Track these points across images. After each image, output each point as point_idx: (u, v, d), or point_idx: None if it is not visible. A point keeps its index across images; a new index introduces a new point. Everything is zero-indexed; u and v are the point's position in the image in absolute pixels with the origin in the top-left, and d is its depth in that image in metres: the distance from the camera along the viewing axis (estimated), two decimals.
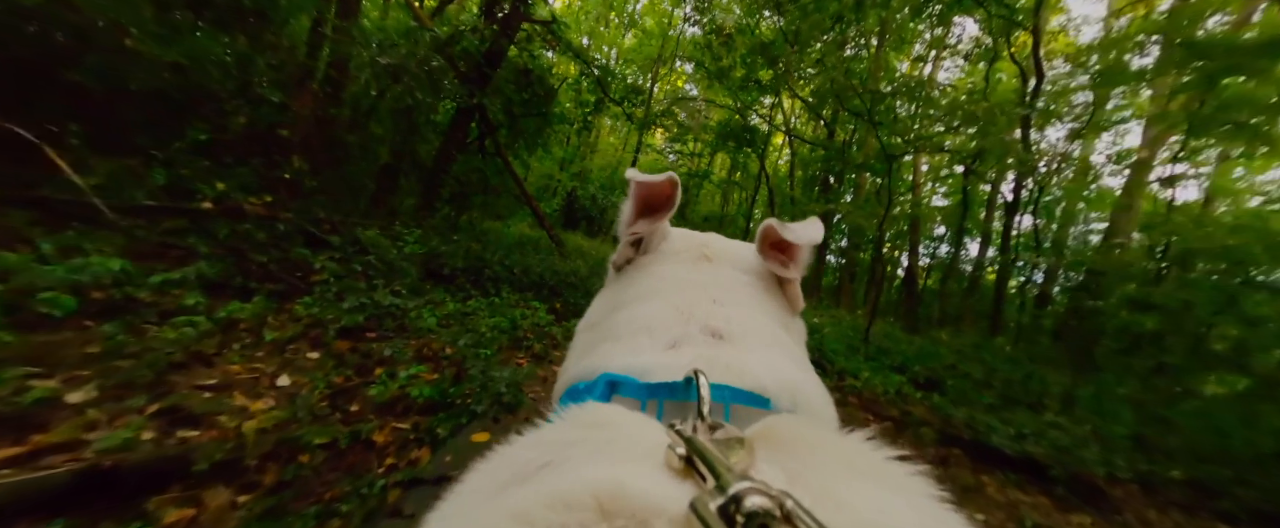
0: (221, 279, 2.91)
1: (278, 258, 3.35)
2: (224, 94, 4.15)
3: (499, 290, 4.41)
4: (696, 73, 15.43)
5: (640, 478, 0.23)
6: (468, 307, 3.79)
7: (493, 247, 5.26)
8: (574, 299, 4.66)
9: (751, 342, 0.44)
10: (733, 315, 0.47)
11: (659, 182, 0.59)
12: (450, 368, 2.48)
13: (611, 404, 0.33)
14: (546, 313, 4.19)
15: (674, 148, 16.35)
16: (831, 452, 0.27)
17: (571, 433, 0.28)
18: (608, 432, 0.28)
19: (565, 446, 0.27)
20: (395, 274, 3.53)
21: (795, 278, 0.57)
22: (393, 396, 2.11)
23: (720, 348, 0.42)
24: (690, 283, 0.54)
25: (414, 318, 2.95)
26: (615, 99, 7.79)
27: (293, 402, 1.86)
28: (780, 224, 0.55)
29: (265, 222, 3.55)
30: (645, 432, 0.28)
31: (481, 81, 6.17)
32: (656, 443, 0.26)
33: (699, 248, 0.62)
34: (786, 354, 0.46)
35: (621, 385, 0.37)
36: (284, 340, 2.47)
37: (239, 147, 4.06)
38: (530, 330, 3.75)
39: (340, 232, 3.88)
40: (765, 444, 0.28)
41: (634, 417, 0.30)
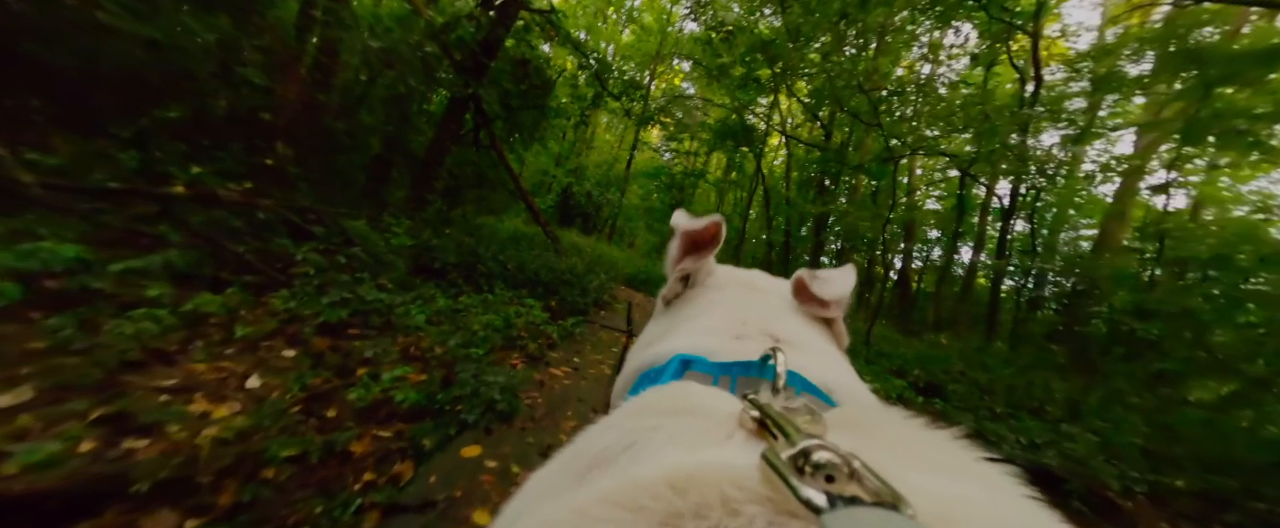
0: (193, 270, 2.68)
1: (256, 248, 3.12)
2: (204, 75, 3.91)
3: (492, 287, 4.21)
4: (694, 71, 15.28)
5: (717, 449, 0.23)
6: (459, 304, 3.59)
7: (486, 241, 5.05)
8: (570, 297, 4.48)
9: (809, 349, 0.45)
10: (788, 327, 0.48)
11: (703, 226, 0.61)
12: (439, 370, 2.29)
13: (686, 381, 0.33)
14: (542, 311, 4.01)
15: (670, 146, 16.19)
16: (908, 437, 0.26)
17: (650, 418, 0.27)
18: (686, 413, 0.27)
19: (646, 430, 0.26)
20: (383, 268, 3.32)
21: (837, 316, 0.57)
22: (375, 400, 1.91)
23: (772, 342, 0.43)
24: (743, 303, 0.55)
25: (401, 315, 2.75)
26: (613, 93, 7.60)
27: (262, 407, 1.66)
28: (810, 275, 0.55)
29: (244, 209, 3.32)
30: (721, 405, 0.28)
31: (477, 71, 5.95)
32: (732, 414, 0.26)
33: (746, 281, 0.64)
34: (845, 366, 0.46)
35: (694, 363, 0.38)
36: (258, 337, 2.26)
37: (219, 130, 3.82)
38: (525, 329, 3.57)
39: (325, 222, 3.66)
40: (840, 423, 0.27)
41: (710, 392, 0.30)
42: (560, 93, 8.93)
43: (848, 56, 11.20)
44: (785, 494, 0.18)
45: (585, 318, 4.27)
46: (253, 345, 2.20)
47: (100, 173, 2.85)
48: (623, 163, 16.03)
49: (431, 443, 1.61)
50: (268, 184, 3.96)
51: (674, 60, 16.06)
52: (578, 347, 3.36)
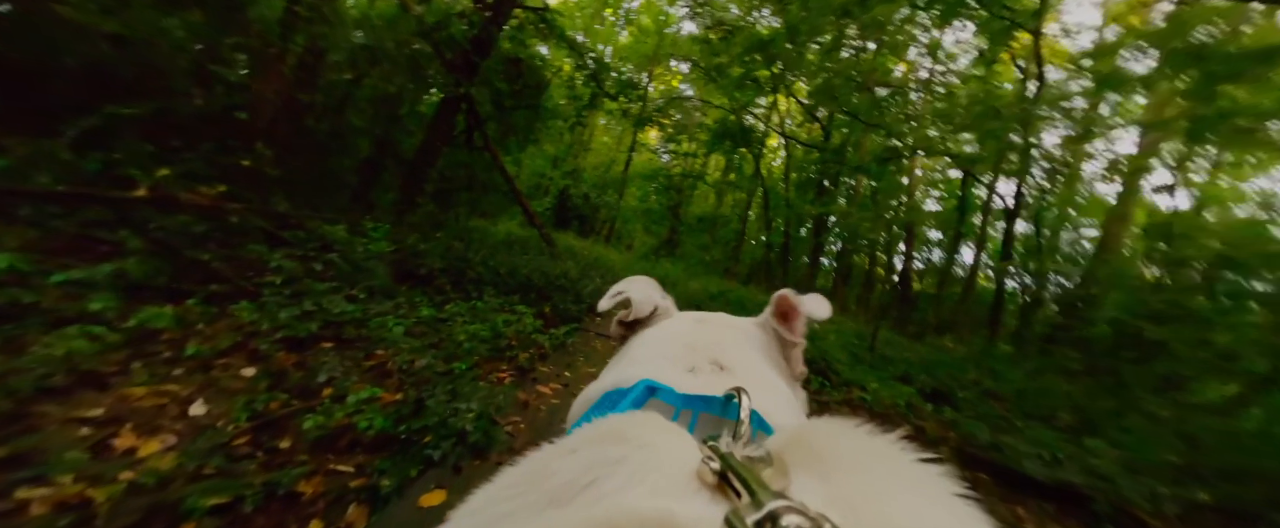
0: (149, 280, 2.45)
1: (225, 255, 2.90)
2: (176, 73, 3.69)
3: (482, 293, 3.98)
4: (692, 72, 15.09)
5: (685, 503, 0.23)
6: (444, 312, 3.37)
7: (477, 245, 4.82)
8: (563, 304, 4.26)
9: (753, 379, 0.44)
10: (734, 355, 0.48)
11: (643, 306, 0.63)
12: (415, 388, 2.06)
13: (650, 414, 0.31)
14: (534, 318, 3.78)
15: (668, 148, 15.99)
16: (871, 461, 0.25)
17: (612, 450, 0.26)
18: (648, 451, 0.26)
19: (608, 464, 0.25)
20: (362, 275, 3.09)
21: (798, 343, 0.58)
22: (337, 426, 1.69)
23: (725, 377, 0.43)
24: (692, 334, 0.55)
25: (376, 326, 2.52)
26: (611, 94, 7.39)
27: (198, 441, 1.43)
28: (794, 295, 0.56)
29: (213, 214, 3.09)
30: (685, 451, 0.27)
31: (469, 71, 5.73)
32: (695, 463, 0.25)
33: (695, 317, 0.64)
34: (788, 402, 0.46)
35: (660, 391, 0.38)
36: (212, 355, 2.04)
37: (191, 130, 3.59)
38: (515, 338, 3.34)
39: (305, 227, 3.43)
40: (799, 454, 0.26)
41: (672, 432, 0.29)
42: (556, 94, 8.72)
43: (848, 57, 11.02)
44: None
45: (579, 325, 4.04)
46: (206, 364, 1.98)
47: (49, 176, 2.62)
48: (620, 165, 15.81)
49: (391, 483, 1.39)
50: (245, 187, 3.73)
51: (671, 62, 15.87)
52: (570, 358, 3.14)
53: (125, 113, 2.88)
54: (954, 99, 9.76)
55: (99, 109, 2.86)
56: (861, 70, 10.11)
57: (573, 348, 3.37)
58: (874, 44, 11.85)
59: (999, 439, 3.25)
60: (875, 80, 10.43)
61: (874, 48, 11.85)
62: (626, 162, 15.02)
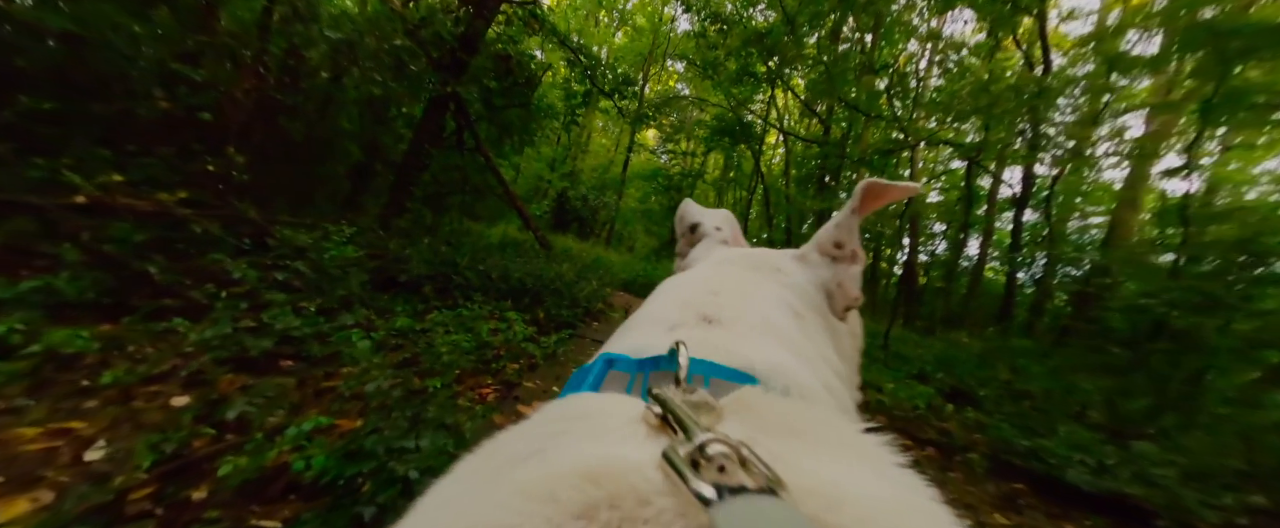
0: (81, 297, 2.16)
1: (180, 267, 2.60)
2: (137, 73, 3.40)
3: (470, 299, 3.67)
4: (688, 71, 14.78)
5: (622, 445, 0.23)
6: (426, 321, 3.06)
7: (467, 249, 4.51)
8: (557, 309, 3.94)
9: (741, 328, 0.43)
10: (728, 304, 0.46)
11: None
12: (379, 413, 1.74)
13: (592, 394, 0.33)
14: (524, 325, 3.47)
15: (666, 147, 15.68)
16: (798, 420, 0.27)
17: (557, 425, 0.27)
18: (590, 418, 0.28)
19: (553, 436, 0.26)
20: (333, 284, 2.78)
21: (854, 260, 0.53)
22: (269, 467, 1.37)
23: (710, 331, 0.42)
24: (698, 281, 0.52)
25: (341, 341, 2.21)
26: (606, 91, 7.08)
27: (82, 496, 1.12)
28: (883, 182, 0.53)
29: (170, 221, 2.79)
30: (624, 409, 0.28)
31: (456, 69, 5.44)
32: (635, 414, 0.27)
33: (722, 257, 0.60)
34: (782, 341, 0.42)
35: (617, 362, 0.38)
36: (138, 381, 1.73)
37: (151, 133, 3.30)
38: (502, 348, 3.03)
39: (275, 235, 3.13)
40: (736, 410, 0.28)
41: (612, 399, 0.31)
42: (551, 94, 8.44)
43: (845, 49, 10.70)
44: (681, 488, 0.19)
45: (574, 332, 3.73)
46: (127, 394, 1.67)
47: None
48: (618, 166, 15.51)
49: None
50: (213, 193, 3.44)
51: (667, 61, 15.57)
52: (561, 369, 2.82)
53: (76, 114, 2.57)
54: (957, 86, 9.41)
55: (37, 109, 2.57)
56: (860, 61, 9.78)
57: (565, 358, 3.05)
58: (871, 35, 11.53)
59: (1037, 443, 2.91)
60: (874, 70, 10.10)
61: (870, 39, 11.53)
62: (624, 162, 14.71)
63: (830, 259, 0.53)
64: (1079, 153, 9.18)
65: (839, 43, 10.72)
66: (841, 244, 0.53)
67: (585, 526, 0.17)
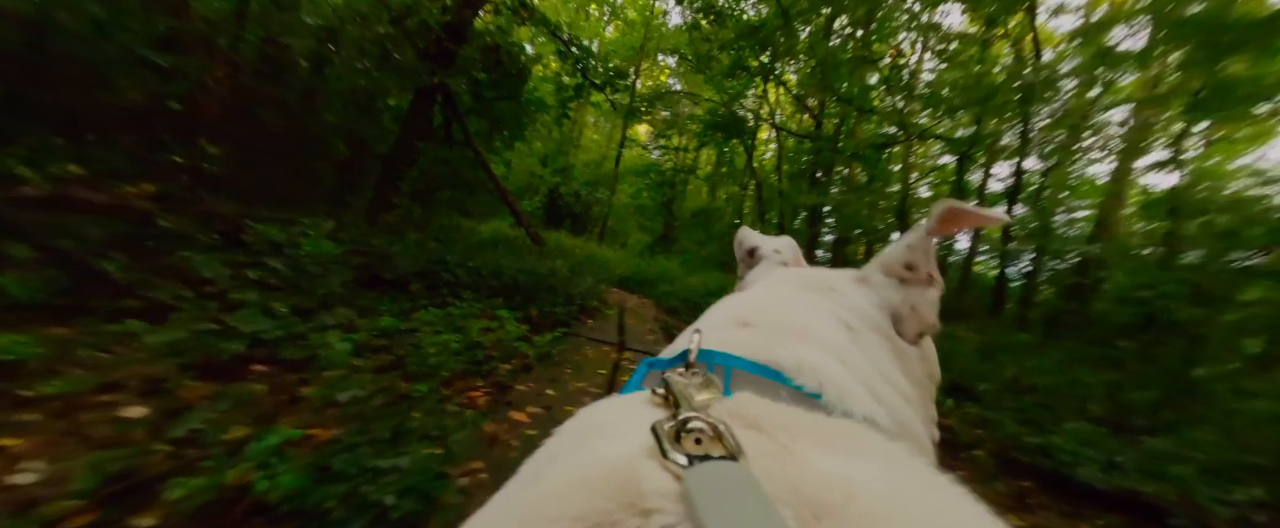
0: (36, 298, 1.96)
1: (143, 266, 2.40)
2: (100, 59, 3.17)
3: (459, 297, 3.51)
4: (680, 66, 14.60)
5: (627, 440, 0.24)
6: (413, 320, 2.89)
7: (457, 246, 4.33)
8: (550, 307, 3.79)
9: (775, 330, 0.41)
10: (768, 312, 0.45)
11: None
12: (356, 422, 1.59)
13: (615, 397, 0.34)
14: (516, 323, 3.31)
15: (659, 143, 15.52)
16: (799, 419, 0.26)
17: (577, 432, 0.29)
18: (608, 416, 0.30)
19: (575, 440, 0.28)
20: (312, 282, 2.60)
21: (921, 283, 0.49)
22: (230, 488, 1.21)
23: (742, 332, 0.42)
24: (747, 296, 0.53)
25: (318, 342, 2.04)
26: (597, 84, 6.90)
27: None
28: (959, 204, 0.49)
29: (132, 217, 2.59)
30: (637, 404, 0.30)
31: (444, 59, 5.23)
32: (645, 405, 0.29)
33: (779, 277, 0.60)
34: (821, 346, 0.39)
35: (656, 363, 0.39)
36: (90, 391, 1.55)
37: (113, 123, 3.08)
38: (494, 348, 2.87)
39: (250, 231, 2.93)
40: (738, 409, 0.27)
41: (628, 400, 0.32)
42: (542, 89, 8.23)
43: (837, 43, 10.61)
44: (662, 461, 0.20)
45: (568, 330, 3.58)
46: (73, 405, 1.49)
47: None
48: (611, 161, 15.31)
49: None
50: (184, 187, 3.22)
51: (659, 57, 15.38)
52: (556, 370, 2.67)
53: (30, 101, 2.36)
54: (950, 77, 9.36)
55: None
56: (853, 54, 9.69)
57: (561, 357, 2.90)
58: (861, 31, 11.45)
59: (1048, 440, 2.83)
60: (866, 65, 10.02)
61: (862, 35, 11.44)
62: (617, 158, 14.52)
63: (898, 281, 0.50)
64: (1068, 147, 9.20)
65: (831, 37, 10.62)
66: (914, 266, 0.49)
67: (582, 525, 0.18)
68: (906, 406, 0.42)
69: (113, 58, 3.20)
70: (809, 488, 0.18)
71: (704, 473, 0.18)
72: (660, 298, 6.80)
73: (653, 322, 5.03)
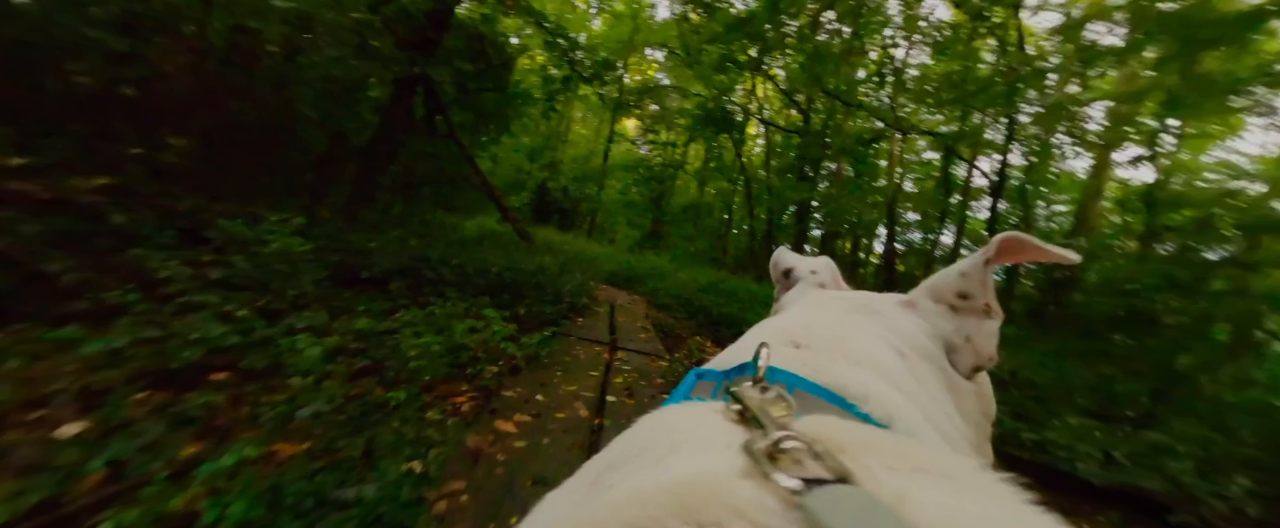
0: None
1: (92, 265, 2.19)
2: (46, 41, 2.90)
3: (444, 296, 3.34)
4: (669, 60, 14.43)
5: (702, 456, 0.24)
6: (395, 321, 2.72)
7: (440, 242, 4.14)
8: (539, 305, 3.64)
9: (833, 352, 0.39)
10: (820, 334, 0.42)
11: None
12: (325, 435, 1.43)
13: (672, 406, 0.32)
14: (503, 323, 3.16)
15: (647, 138, 15.34)
16: (912, 452, 0.24)
17: (642, 441, 0.27)
18: (672, 430, 0.27)
19: (639, 452, 0.26)
20: (282, 282, 2.41)
21: (977, 313, 0.45)
22: (175, 518, 1.06)
23: (798, 352, 0.39)
24: (789, 318, 0.49)
25: (285, 346, 1.87)
26: (585, 76, 6.71)
27: None
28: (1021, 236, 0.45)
29: (73, 211, 2.37)
30: (710, 416, 0.28)
31: (425, 47, 5.00)
32: (714, 420, 0.27)
33: (820, 298, 0.56)
34: (881, 373, 0.37)
35: (705, 374, 0.38)
36: (12, 408, 1.37)
37: (61, 112, 2.83)
38: (480, 349, 2.72)
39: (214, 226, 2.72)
40: (821, 430, 0.24)
41: (698, 410, 0.30)
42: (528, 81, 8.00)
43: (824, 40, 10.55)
44: (765, 481, 0.19)
45: (558, 329, 3.44)
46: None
47: None
48: (599, 156, 15.09)
49: None
50: (143, 181, 2.98)
51: (647, 50, 15.18)
52: (545, 373, 2.53)
53: None
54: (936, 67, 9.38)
55: None
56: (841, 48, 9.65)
57: (550, 359, 2.76)
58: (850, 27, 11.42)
59: (1043, 436, 2.79)
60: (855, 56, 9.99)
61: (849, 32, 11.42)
62: (605, 153, 14.31)
63: (950, 309, 0.47)
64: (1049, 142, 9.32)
65: (819, 31, 10.56)
66: (968, 295, 0.46)
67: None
68: (966, 447, 0.40)
69: (59, 40, 2.94)
70: (913, 518, 0.17)
71: (826, 497, 0.17)
72: (651, 294, 6.69)
73: (644, 319, 4.91)
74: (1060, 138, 9.32)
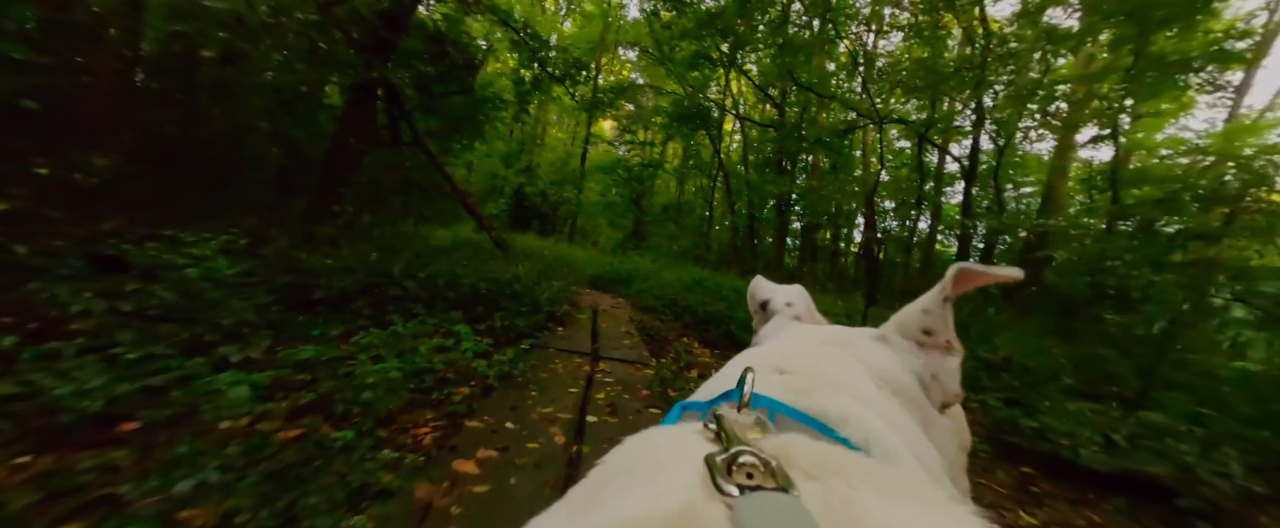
0: None
1: None
2: None
3: (412, 314, 3.07)
4: (642, 60, 14.25)
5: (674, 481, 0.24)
6: (351, 345, 2.45)
7: (405, 254, 3.86)
8: (514, 318, 3.40)
9: (815, 379, 0.39)
10: (801, 364, 0.42)
11: None
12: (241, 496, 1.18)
13: (650, 430, 0.32)
14: (476, 338, 2.91)
15: (624, 138, 15.13)
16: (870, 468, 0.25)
17: (622, 464, 0.28)
18: (652, 453, 0.28)
19: (620, 473, 0.26)
20: (215, 310, 2.12)
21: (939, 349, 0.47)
22: None
23: (782, 377, 0.40)
24: (768, 349, 0.50)
25: (203, 387, 1.60)
26: (555, 75, 6.46)
27: None
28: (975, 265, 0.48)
29: None
30: (689, 435, 0.29)
31: (382, 50, 4.69)
32: (698, 437, 0.28)
33: (796, 330, 0.58)
34: (860, 399, 0.37)
35: (690, 406, 0.38)
36: None
37: None
38: (448, 370, 2.47)
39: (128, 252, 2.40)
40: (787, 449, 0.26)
41: (679, 430, 0.31)
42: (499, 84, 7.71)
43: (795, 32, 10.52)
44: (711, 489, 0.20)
45: (536, 342, 3.20)
46: None
47: None
48: (576, 159, 14.81)
49: None
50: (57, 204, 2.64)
51: (619, 50, 14.95)
52: (518, 395, 2.29)
53: None
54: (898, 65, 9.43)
55: None
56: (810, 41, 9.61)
57: (525, 376, 2.53)
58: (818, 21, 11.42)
59: (1042, 420, 2.69)
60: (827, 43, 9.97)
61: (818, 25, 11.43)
62: (582, 155, 14.05)
63: (917, 345, 0.47)
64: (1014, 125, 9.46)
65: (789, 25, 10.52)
66: (931, 332, 0.46)
67: None
68: (943, 473, 0.39)
69: None
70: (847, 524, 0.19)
71: (754, 503, 0.19)
72: (635, 296, 6.48)
73: (629, 323, 4.71)
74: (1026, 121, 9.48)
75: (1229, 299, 6.12)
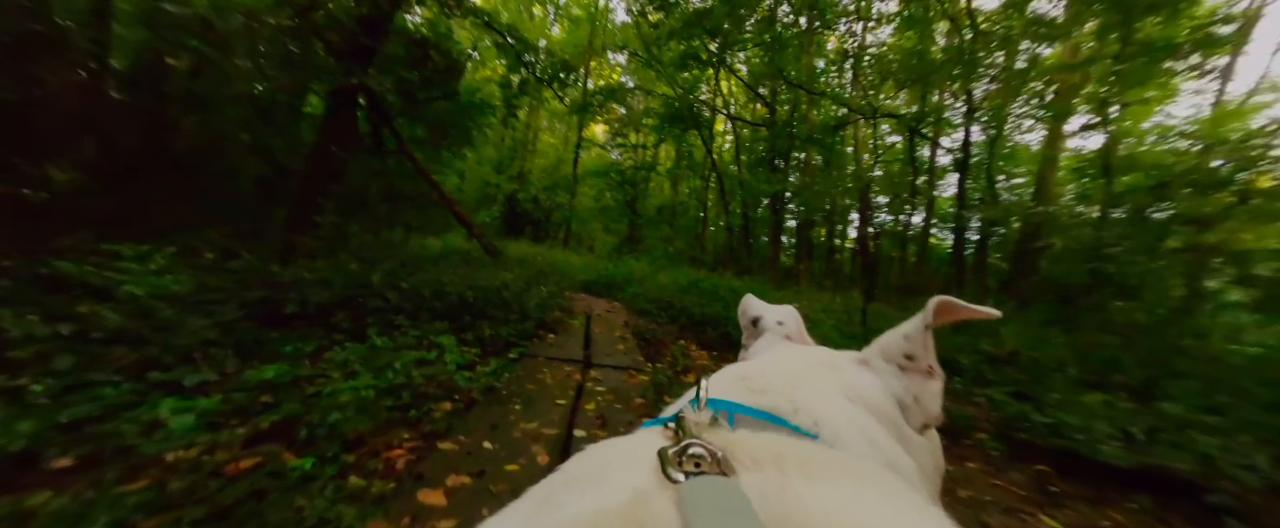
0: None
1: None
2: None
3: (395, 326, 2.91)
4: (631, 63, 14.16)
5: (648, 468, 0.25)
6: (323, 363, 2.28)
7: (386, 263, 3.70)
8: (501, 326, 3.23)
9: (784, 387, 0.41)
10: (774, 378, 0.43)
11: None
12: None
13: (627, 436, 0.34)
14: (461, 349, 2.75)
15: (616, 142, 15.01)
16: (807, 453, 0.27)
17: (584, 468, 0.28)
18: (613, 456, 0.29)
19: (579, 477, 0.27)
20: (168, 332, 1.96)
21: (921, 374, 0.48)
22: None
23: (744, 383, 0.42)
24: (753, 365, 0.52)
25: (145, 415, 1.44)
26: (543, 78, 6.33)
27: None
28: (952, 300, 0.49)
29: None
30: (652, 437, 0.30)
31: (362, 56, 4.54)
32: (654, 441, 0.28)
33: (779, 350, 0.60)
34: (829, 404, 0.39)
35: (655, 421, 0.39)
36: None
37: None
38: (430, 385, 2.31)
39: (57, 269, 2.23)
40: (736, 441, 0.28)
41: (643, 434, 0.32)
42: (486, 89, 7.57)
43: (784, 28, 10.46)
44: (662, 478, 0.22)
45: (525, 351, 3.05)
46: None
47: None
48: (568, 164, 14.68)
49: None
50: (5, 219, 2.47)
51: (608, 54, 14.87)
52: (502, 408, 2.13)
53: None
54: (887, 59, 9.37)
55: None
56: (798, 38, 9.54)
57: (510, 388, 2.37)
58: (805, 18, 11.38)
59: (1057, 416, 2.55)
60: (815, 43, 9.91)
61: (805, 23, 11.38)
62: (574, 159, 13.91)
63: (899, 369, 0.48)
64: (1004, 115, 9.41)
65: (776, 24, 10.46)
66: (913, 357, 0.48)
67: None
68: (916, 478, 0.40)
69: None
70: (798, 517, 0.20)
71: (696, 486, 0.20)
72: (630, 300, 6.33)
73: (623, 328, 4.55)
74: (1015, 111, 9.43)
75: (1226, 283, 6.04)
